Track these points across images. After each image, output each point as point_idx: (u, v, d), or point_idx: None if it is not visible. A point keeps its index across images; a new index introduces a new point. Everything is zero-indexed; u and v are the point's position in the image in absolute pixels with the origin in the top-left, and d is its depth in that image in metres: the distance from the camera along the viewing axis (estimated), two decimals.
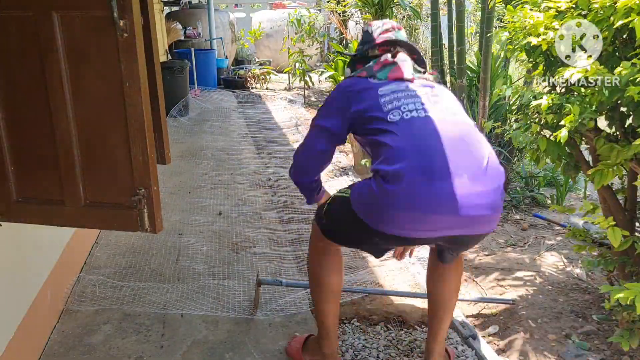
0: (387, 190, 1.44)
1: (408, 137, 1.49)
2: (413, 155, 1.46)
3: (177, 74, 6.60)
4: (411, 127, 1.52)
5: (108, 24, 1.45)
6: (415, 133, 1.50)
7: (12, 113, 1.61)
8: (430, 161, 1.45)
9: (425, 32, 7.55)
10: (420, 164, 1.44)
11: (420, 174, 1.43)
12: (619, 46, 1.95)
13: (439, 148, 1.47)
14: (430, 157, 1.46)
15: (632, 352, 2.06)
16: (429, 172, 1.44)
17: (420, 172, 1.43)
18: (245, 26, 11.95)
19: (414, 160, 1.45)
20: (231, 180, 4.31)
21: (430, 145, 1.48)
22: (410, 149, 1.47)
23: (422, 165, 1.44)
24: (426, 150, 1.47)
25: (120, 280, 2.63)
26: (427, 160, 1.45)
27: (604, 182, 1.89)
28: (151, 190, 1.58)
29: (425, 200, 1.43)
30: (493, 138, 3.75)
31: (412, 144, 1.48)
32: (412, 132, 1.51)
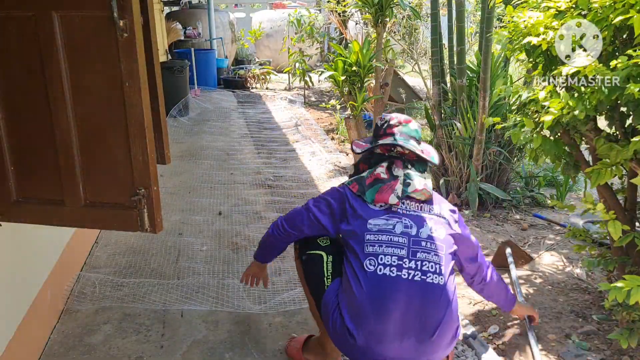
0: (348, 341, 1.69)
1: (372, 297, 1.66)
2: (370, 318, 1.65)
3: (177, 74, 6.60)
4: (379, 286, 1.67)
5: (108, 24, 1.45)
6: (379, 295, 1.66)
7: (12, 113, 1.61)
8: (384, 325, 1.64)
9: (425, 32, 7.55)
10: (374, 329, 1.64)
11: (372, 337, 1.65)
12: (619, 46, 1.95)
13: (394, 314, 1.64)
14: (384, 322, 1.64)
15: (632, 351, 2.06)
16: (379, 336, 1.64)
17: (372, 336, 1.65)
18: (245, 26, 11.95)
19: (370, 324, 1.65)
20: (231, 180, 4.31)
21: (388, 310, 1.64)
22: (369, 310, 1.65)
23: (376, 329, 1.64)
24: (383, 314, 1.64)
25: (120, 280, 2.63)
26: (381, 324, 1.64)
27: (600, 181, 1.89)
28: (151, 190, 1.58)
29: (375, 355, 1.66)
30: (493, 138, 3.75)
31: (373, 306, 1.65)
32: (378, 292, 1.66)
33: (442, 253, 1.72)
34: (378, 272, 1.67)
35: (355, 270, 1.71)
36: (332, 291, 1.79)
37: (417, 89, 7.73)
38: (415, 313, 1.65)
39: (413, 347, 1.66)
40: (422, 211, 1.79)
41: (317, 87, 8.86)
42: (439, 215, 1.80)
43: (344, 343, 1.72)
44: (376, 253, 1.70)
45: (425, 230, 1.74)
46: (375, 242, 1.71)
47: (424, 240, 1.72)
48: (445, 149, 3.90)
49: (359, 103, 4.48)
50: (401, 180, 1.79)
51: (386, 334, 1.64)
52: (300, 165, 4.83)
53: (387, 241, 1.71)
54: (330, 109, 7.26)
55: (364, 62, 4.40)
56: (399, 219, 1.75)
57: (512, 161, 3.87)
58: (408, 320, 1.65)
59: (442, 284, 1.68)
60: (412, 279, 1.67)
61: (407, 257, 1.69)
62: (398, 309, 1.64)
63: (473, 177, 3.61)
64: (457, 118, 3.82)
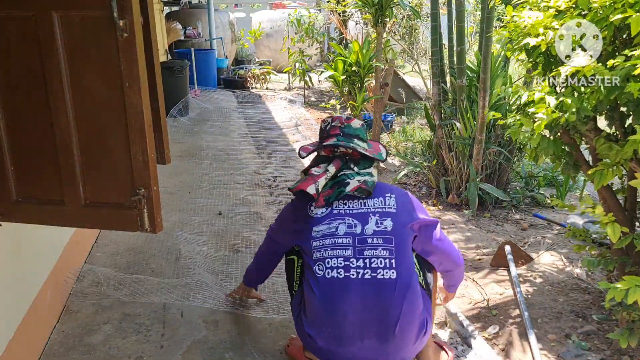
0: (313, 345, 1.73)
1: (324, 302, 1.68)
2: (326, 323, 1.68)
3: (177, 74, 6.60)
4: (329, 289, 1.68)
5: (108, 24, 1.45)
6: (330, 298, 1.68)
7: (12, 113, 1.61)
8: (340, 329, 1.66)
9: (425, 32, 7.56)
10: (331, 333, 1.67)
11: (332, 340, 1.68)
12: (619, 46, 1.95)
13: (349, 316, 1.65)
14: (340, 325, 1.66)
15: (632, 351, 2.06)
16: (338, 339, 1.66)
17: (332, 339, 1.68)
18: (245, 26, 11.95)
19: (326, 328, 1.68)
20: (231, 180, 4.31)
21: (341, 312, 1.65)
22: (323, 315, 1.68)
23: (332, 334, 1.67)
24: (338, 317, 1.66)
25: (120, 280, 2.63)
26: (337, 328, 1.66)
27: (603, 182, 1.89)
28: (151, 190, 1.58)
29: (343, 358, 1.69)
30: (493, 138, 3.75)
31: (326, 311, 1.67)
32: (329, 296, 1.68)
33: (392, 246, 1.69)
34: (326, 275, 1.68)
35: (308, 278, 1.74)
36: (297, 297, 1.86)
37: (417, 89, 7.73)
38: (371, 312, 1.64)
39: (376, 347, 1.65)
40: (365, 206, 1.78)
41: (317, 87, 8.86)
42: (384, 208, 1.77)
43: (311, 347, 1.75)
44: (323, 257, 1.71)
45: (371, 226, 1.73)
46: (320, 248, 1.72)
47: (369, 237, 1.71)
48: (445, 149, 3.90)
49: (359, 103, 4.48)
50: (328, 175, 1.81)
51: (344, 337, 1.65)
52: (300, 165, 4.83)
53: (331, 244, 1.71)
54: (330, 109, 7.26)
55: (364, 62, 4.41)
56: (341, 219, 1.75)
57: (512, 161, 3.87)
58: (365, 320, 1.64)
59: (394, 277, 1.66)
60: (361, 277, 1.66)
61: (353, 257, 1.68)
62: (351, 310, 1.64)
63: (473, 177, 3.61)
64: (457, 118, 3.83)
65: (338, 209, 1.78)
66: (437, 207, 3.84)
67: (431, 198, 4.01)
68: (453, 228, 3.45)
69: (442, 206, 3.85)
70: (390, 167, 4.85)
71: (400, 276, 1.67)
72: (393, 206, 1.78)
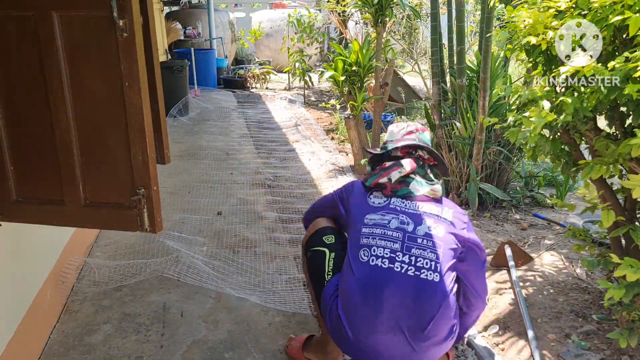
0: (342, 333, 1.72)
1: (363, 286, 1.68)
2: (361, 309, 1.67)
3: (177, 74, 6.60)
4: (370, 276, 1.69)
5: (108, 24, 1.45)
6: (369, 284, 1.68)
7: (12, 113, 1.61)
8: (374, 317, 1.66)
9: (425, 31, 7.55)
10: (364, 318, 1.67)
11: (362, 327, 1.67)
12: (619, 46, 1.95)
13: (384, 306, 1.65)
14: (375, 314, 1.66)
15: (632, 351, 2.07)
16: (370, 327, 1.66)
17: (363, 326, 1.67)
18: (245, 26, 11.94)
19: (360, 313, 1.67)
20: (231, 180, 4.31)
21: (378, 299, 1.66)
22: (361, 301, 1.67)
23: (366, 319, 1.66)
24: (373, 304, 1.66)
25: (120, 280, 2.63)
26: (371, 316, 1.66)
27: (593, 175, 1.90)
28: (151, 190, 1.58)
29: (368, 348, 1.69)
30: (493, 138, 3.75)
31: (363, 296, 1.67)
32: (368, 281, 1.68)
33: (440, 251, 1.71)
34: (370, 262, 1.70)
35: (350, 261, 1.75)
36: (331, 285, 1.82)
37: (417, 88, 7.73)
38: (407, 308, 1.64)
39: (404, 343, 1.65)
40: (421, 209, 1.79)
41: (317, 87, 8.86)
42: (440, 215, 1.79)
43: (339, 336, 1.73)
44: (369, 245, 1.72)
45: (423, 227, 1.74)
46: (369, 235, 1.74)
47: (420, 237, 1.72)
48: (445, 148, 3.90)
49: (359, 103, 4.48)
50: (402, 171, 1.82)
51: (377, 325, 1.65)
52: (300, 165, 4.83)
53: (380, 234, 1.73)
54: (330, 109, 7.26)
55: (364, 62, 4.40)
56: (395, 215, 1.77)
57: (512, 161, 3.87)
58: (400, 315, 1.64)
59: (437, 280, 1.67)
60: (405, 272, 1.67)
61: (400, 251, 1.70)
62: (388, 301, 1.65)
63: (473, 177, 3.61)
64: (457, 118, 3.82)
65: (395, 204, 1.80)
66: None
67: None
68: None
69: None
70: None
71: (442, 282, 1.67)
72: (449, 217, 1.80)
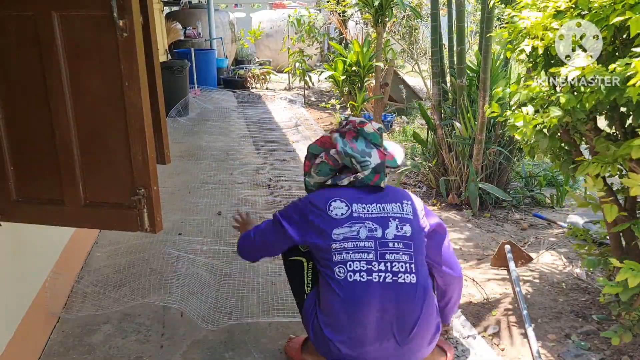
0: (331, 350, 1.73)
1: (346, 305, 1.68)
2: (347, 326, 1.69)
3: (177, 74, 6.60)
4: (351, 293, 1.68)
5: (108, 24, 1.45)
6: (352, 301, 1.68)
7: (12, 113, 1.62)
8: (362, 331, 1.68)
9: (425, 32, 7.56)
10: (352, 336, 1.68)
11: (352, 344, 1.69)
12: (619, 46, 1.95)
13: (370, 319, 1.66)
14: (361, 328, 1.67)
15: (631, 351, 2.07)
16: (359, 342, 1.68)
17: (352, 342, 1.69)
18: (245, 26, 11.94)
19: (347, 332, 1.69)
20: (231, 180, 4.31)
21: (363, 315, 1.67)
22: (346, 318, 1.68)
23: (354, 337, 1.68)
24: (359, 320, 1.67)
25: (120, 280, 2.63)
26: (360, 330, 1.67)
27: (589, 171, 1.90)
28: (151, 190, 1.58)
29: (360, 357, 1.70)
30: (493, 138, 3.75)
31: (348, 314, 1.68)
32: (351, 299, 1.68)
33: (411, 250, 1.73)
34: (349, 279, 1.68)
35: (327, 281, 1.72)
36: (311, 298, 1.83)
37: (417, 89, 7.73)
38: (391, 315, 1.67)
39: (393, 348, 1.68)
40: (384, 211, 1.79)
41: (317, 87, 8.86)
42: (403, 214, 1.79)
43: (325, 350, 1.75)
44: (344, 260, 1.70)
45: (392, 230, 1.75)
46: (342, 250, 1.71)
47: (390, 241, 1.72)
48: (445, 149, 3.90)
49: (359, 103, 4.48)
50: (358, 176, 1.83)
51: (365, 339, 1.67)
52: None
53: (353, 248, 1.71)
54: (330, 109, 7.26)
55: (364, 62, 4.41)
56: (362, 223, 1.74)
57: (512, 161, 3.87)
58: (385, 323, 1.66)
59: (414, 282, 1.69)
60: (383, 281, 1.67)
61: (375, 261, 1.69)
62: (373, 313, 1.66)
63: (473, 177, 3.61)
64: (457, 118, 3.83)
65: (358, 213, 1.76)
66: (437, 207, 3.84)
67: (431, 198, 4.01)
68: (453, 228, 3.45)
69: (442, 206, 3.85)
70: None
71: (420, 281, 1.70)
72: (410, 213, 1.80)
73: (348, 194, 1.80)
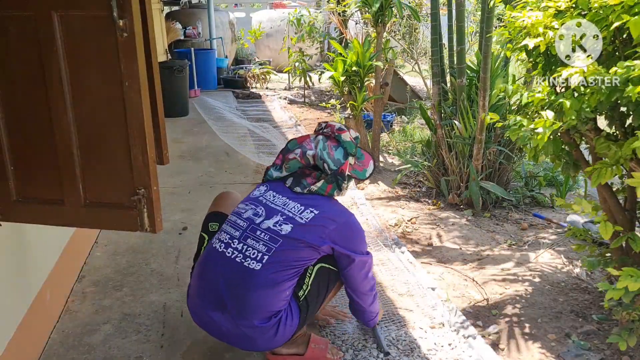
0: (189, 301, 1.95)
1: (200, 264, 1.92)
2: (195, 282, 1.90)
3: (177, 74, 6.59)
4: (206, 255, 1.92)
5: (108, 24, 1.45)
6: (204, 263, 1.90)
7: (12, 113, 1.62)
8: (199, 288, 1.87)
9: (425, 31, 7.55)
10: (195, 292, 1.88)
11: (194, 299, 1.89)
12: (619, 46, 1.95)
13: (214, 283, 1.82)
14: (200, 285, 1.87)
15: (631, 351, 2.07)
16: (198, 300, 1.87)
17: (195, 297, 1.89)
18: (245, 26, 11.93)
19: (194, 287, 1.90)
20: (231, 179, 4.31)
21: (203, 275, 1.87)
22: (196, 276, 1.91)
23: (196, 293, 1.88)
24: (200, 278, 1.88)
25: (120, 280, 2.63)
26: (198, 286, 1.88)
27: (601, 180, 1.89)
28: (151, 190, 1.58)
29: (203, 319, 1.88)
30: (493, 138, 3.75)
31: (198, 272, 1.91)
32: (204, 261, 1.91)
33: (275, 246, 1.79)
34: (213, 244, 1.90)
35: None
36: None
37: (417, 88, 7.73)
38: (232, 290, 1.78)
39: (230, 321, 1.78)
40: (284, 206, 1.87)
41: (317, 86, 8.86)
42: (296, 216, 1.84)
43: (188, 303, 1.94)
44: (222, 230, 1.93)
45: (270, 222, 1.83)
46: (227, 222, 1.93)
47: (261, 230, 1.83)
48: (445, 148, 3.90)
49: (359, 103, 4.48)
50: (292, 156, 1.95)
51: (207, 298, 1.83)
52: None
53: (232, 222, 1.91)
54: (330, 109, 7.26)
55: (364, 62, 4.40)
56: (255, 206, 1.91)
57: (512, 161, 3.87)
58: (226, 295, 1.78)
59: (257, 269, 1.77)
60: (233, 258, 1.81)
61: (237, 239, 1.84)
62: (218, 280, 1.80)
63: (474, 177, 3.61)
64: (457, 118, 3.82)
65: (264, 198, 1.93)
66: (437, 207, 3.84)
67: (431, 198, 4.02)
68: (453, 228, 3.45)
69: (442, 206, 3.85)
70: (391, 166, 4.85)
71: (263, 272, 1.77)
72: (304, 219, 1.83)
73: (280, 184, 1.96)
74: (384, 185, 4.32)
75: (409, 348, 2.16)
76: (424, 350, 2.14)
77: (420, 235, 3.38)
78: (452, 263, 2.98)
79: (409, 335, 2.24)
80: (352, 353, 2.12)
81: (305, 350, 2.00)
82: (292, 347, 2.00)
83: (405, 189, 4.24)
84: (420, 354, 2.12)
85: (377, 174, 4.56)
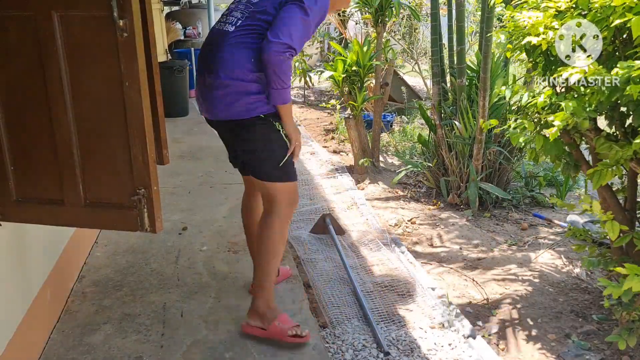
0: None
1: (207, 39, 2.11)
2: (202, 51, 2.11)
3: (177, 74, 6.59)
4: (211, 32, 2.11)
5: (108, 24, 1.45)
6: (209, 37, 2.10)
7: (12, 113, 1.62)
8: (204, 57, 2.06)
9: (425, 31, 7.55)
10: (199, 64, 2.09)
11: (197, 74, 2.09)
12: (619, 46, 1.95)
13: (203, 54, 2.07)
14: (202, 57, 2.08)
15: (631, 351, 2.07)
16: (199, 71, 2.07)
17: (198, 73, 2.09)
18: None
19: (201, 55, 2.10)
20: (231, 179, 4.31)
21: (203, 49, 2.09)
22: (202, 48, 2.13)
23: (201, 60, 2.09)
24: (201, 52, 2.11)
25: (120, 280, 2.63)
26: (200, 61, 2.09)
27: (602, 182, 1.89)
28: (151, 190, 1.58)
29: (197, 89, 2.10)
30: (493, 138, 3.75)
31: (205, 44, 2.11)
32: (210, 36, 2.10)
33: (247, 12, 1.99)
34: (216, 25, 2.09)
35: None
36: None
37: (417, 88, 7.73)
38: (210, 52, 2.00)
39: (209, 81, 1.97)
40: None
41: (317, 87, 8.86)
42: None
43: None
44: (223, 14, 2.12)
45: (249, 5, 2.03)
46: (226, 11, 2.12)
47: (242, 3, 2.05)
48: (445, 148, 3.90)
49: (359, 103, 4.48)
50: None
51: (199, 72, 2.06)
52: (299, 165, 4.83)
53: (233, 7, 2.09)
54: (330, 109, 7.26)
55: (364, 61, 4.40)
56: None
57: (512, 161, 3.87)
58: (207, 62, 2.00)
59: (230, 31, 1.98)
60: (219, 26, 2.05)
61: (227, 15, 2.06)
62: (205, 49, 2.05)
63: (473, 177, 3.61)
64: (457, 118, 3.83)
65: None
66: (437, 207, 3.84)
67: (431, 198, 4.02)
68: (453, 228, 3.45)
69: (442, 206, 3.85)
70: (390, 167, 4.85)
71: (236, 32, 1.97)
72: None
73: None
74: (384, 185, 4.32)
75: (409, 348, 2.16)
76: (424, 350, 2.14)
77: (420, 235, 3.38)
78: (452, 263, 2.98)
79: (409, 335, 2.24)
80: (352, 353, 2.12)
81: (269, 325, 2.10)
82: (258, 321, 2.12)
83: (405, 189, 4.24)
84: (420, 354, 2.12)
85: (377, 174, 4.56)
